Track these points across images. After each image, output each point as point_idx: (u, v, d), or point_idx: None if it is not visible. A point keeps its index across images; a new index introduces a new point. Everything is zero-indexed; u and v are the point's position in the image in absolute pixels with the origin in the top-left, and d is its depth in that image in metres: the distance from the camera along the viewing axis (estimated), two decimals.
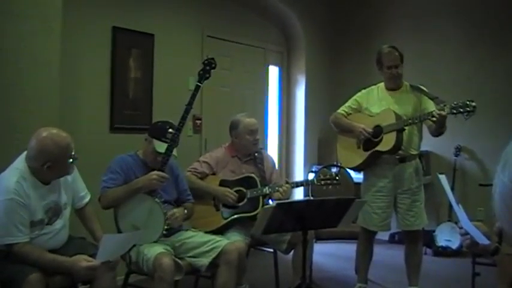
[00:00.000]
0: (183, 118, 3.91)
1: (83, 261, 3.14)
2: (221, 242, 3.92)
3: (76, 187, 3.58)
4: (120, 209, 3.88)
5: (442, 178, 2.73)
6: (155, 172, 3.83)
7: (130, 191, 3.84)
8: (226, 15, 6.74)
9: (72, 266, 3.12)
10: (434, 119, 4.20)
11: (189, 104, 3.95)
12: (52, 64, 4.27)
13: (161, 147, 3.90)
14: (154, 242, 3.84)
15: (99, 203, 3.88)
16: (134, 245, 3.76)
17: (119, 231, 3.85)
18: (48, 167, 3.18)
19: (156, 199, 3.88)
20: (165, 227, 3.85)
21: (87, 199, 3.66)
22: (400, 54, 4.49)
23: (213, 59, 4.08)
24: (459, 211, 2.50)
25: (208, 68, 4.06)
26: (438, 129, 4.34)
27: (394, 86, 4.54)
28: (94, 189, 3.79)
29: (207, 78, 4.07)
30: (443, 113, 4.17)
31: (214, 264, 3.85)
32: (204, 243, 3.92)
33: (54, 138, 3.21)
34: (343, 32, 8.10)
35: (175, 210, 3.98)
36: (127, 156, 4.06)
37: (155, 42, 5.75)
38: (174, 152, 3.91)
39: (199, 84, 4.01)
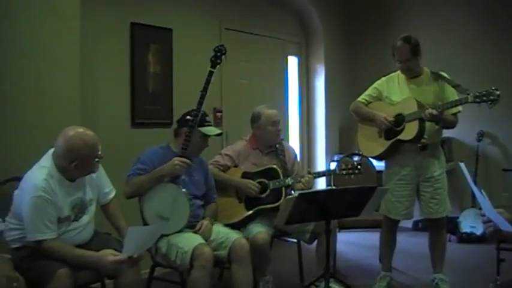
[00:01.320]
0: (200, 104, 3.98)
1: (110, 255, 3.18)
2: (230, 234, 3.97)
3: (101, 183, 3.61)
4: (144, 199, 3.91)
5: (462, 166, 2.72)
6: (178, 158, 3.86)
7: (154, 178, 3.88)
8: (244, 7, 6.74)
9: (99, 260, 3.16)
10: (426, 118, 4.21)
11: (204, 90, 4.04)
12: (72, 62, 4.32)
13: (210, 130, 4.06)
14: (180, 231, 3.88)
15: (124, 193, 3.92)
16: (162, 236, 3.80)
17: (145, 223, 3.87)
18: (76, 166, 3.22)
19: (181, 187, 3.92)
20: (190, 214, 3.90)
21: (112, 195, 3.69)
22: (413, 46, 4.37)
23: (222, 45, 4.19)
24: (481, 198, 2.49)
25: (219, 54, 4.17)
26: (440, 125, 4.37)
27: (411, 75, 4.50)
28: (117, 184, 3.82)
29: (219, 63, 4.19)
30: (434, 112, 4.15)
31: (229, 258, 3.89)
32: (217, 234, 3.98)
33: (83, 137, 3.25)
34: (360, 21, 8.07)
35: (204, 221, 4.01)
36: (159, 148, 4.10)
37: (173, 36, 5.78)
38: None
39: (212, 70, 4.12)
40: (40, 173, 3.20)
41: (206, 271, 3.63)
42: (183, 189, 3.91)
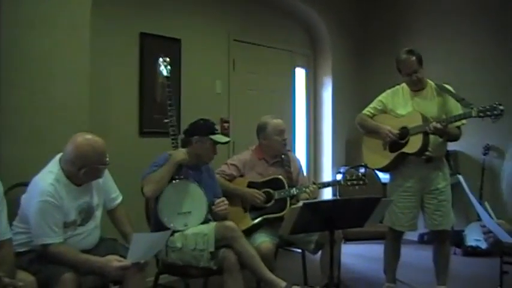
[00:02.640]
0: (169, 105, 4.19)
1: (115, 261, 3.22)
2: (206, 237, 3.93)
3: (108, 188, 3.66)
4: (159, 205, 3.95)
5: (461, 179, 2.76)
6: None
7: (169, 167, 3.97)
8: (252, 19, 6.79)
9: (104, 266, 3.20)
10: (430, 131, 4.23)
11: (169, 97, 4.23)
12: (82, 71, 4.38)
13: (220, 138, 4.17)
14: (203, 223, 3.99)
15: (145, 193, 3.96)
16: (174, 233, 3.89)
17: (165, 227, 3.88)
18: (85, 172, 3.28)
19: (187, 179, 4.03)
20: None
21: (118, 200, 3.73)
22: (418, 58, 4.42)
23: (166, 58, 4.35)
24: (481, 209, 2.51)
25: (165, 64, 4.32)
26: (443, 138, 4.39)
27: (416, 88, 4.54)
28: (125, 192, 3.86)
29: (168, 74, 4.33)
30: (438, 126, 4.18)
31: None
32: (194, 242, 3.95)
33: (92, 144, 3.31)
34: (368, 33, 8.10)
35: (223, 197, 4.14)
36: (166, 154, 4.14)
37: (182, 47, 5.83)
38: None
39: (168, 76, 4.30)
40: (47, 178, 3.26)
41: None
42: (191, 180, 4.03)
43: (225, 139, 4.24)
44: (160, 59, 4.32)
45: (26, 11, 4.05)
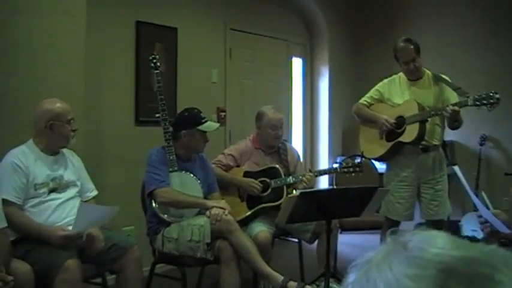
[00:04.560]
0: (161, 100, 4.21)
1: (60, 230, 3.25)
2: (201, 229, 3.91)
3: (84, 176, 3.73)
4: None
5: (457, 169, 2.76)
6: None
7: (195, 203, 4.04)
8: (249, 7, 6.77)
9: (50, 235, 3.22)
10: (447, 114, 4.21)
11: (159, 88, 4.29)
12: (78, 59, 4.36)
13: (207, 127, 4.13)
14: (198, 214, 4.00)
15: (155, 197, 3.94)
16: (170, 224, 3.91)
17: (163, 220, 3.94)
18: (51, 126, 3.40)
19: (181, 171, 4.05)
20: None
21: (93, 193, 3.78)
22: (416, 46, 4.41)
23: (154, 55, 4.43)
24: (477, 200, 2.52)
25: (155, 61, 4.39)
26: (452, 123, 4.35)
27: (414, 77, 4.53)
28: (120, 180, 3.86)
29: (158, 67, 4.42)
30: (456, 108, 4.17)
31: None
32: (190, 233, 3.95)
33: (53, 100, 3.51)
34: (365, 22, 8.07)
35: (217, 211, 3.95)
36: (160, 148, 4.13)
37: (178, 35, 5.81)
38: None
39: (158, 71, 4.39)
40: (18, 147, 3.42)
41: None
42: (183, 171, 4.04)
43: (214, 126, 4.21)
44: (150, 57, 4.37)
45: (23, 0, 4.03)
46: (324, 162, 7.78)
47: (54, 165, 3.50)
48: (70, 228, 3.29)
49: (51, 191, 3.41)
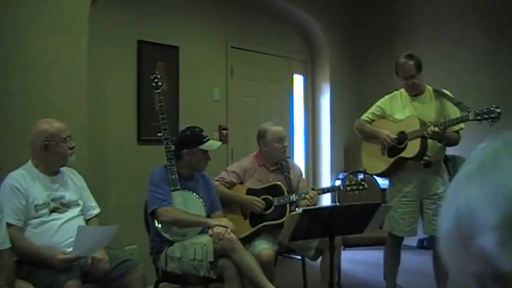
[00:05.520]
0: (163, 119, 4.21)
1: (59, 254, 3.23)
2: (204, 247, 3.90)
3: (86, 195, 3.73)
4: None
5: None
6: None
7: (198, 222, 4.03)
8: (250, 25, 6.81)
9: (51, 258, 3.21)
10: (428, 136, 4.23)
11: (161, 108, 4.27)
12: (80, 78, 4.38)
13: (209, 146, 4.14)
14: (201, 233, 4.00)
15: (157, 216, 3.93)
16: (173, 243, 3.90)
17: (167, 239, 3.94)
18: (46, 147, 3.40)
19: (187, 190, 4.06)
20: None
21: (95, 211, 3.77)
22: (417, 63, 4.42)
23: (156, 75, 4.43)
24: None
25: (156, 80, 4.38)
26: (442, 142, 4.39)
27: (414, 93, 4.54)
28: (123, 198, 3.86)
29: (160, 87, 4.41)
30: (436, 129, 4.18)
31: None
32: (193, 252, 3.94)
33: (48, 121, 3.51)
34: (366, 39, 8.10)
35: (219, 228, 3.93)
36: (162, 168, 4.13)
37: (180, 54, 5.84)
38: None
39: (159, 91, 4.38)
40: (17, 171, 3.42)
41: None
42: (185, 190, 4.04)
43: (215, 145, 4.22)
44: (152, 76, 4.37)
45: (24, 16, 4.05)
46: (326, 179, 7.78)
47: (53, 185, 3.50)
48: (71, 249, 3.29)
49: (53, 211, 3.42)
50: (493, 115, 4.00)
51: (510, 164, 0.74)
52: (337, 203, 5.49)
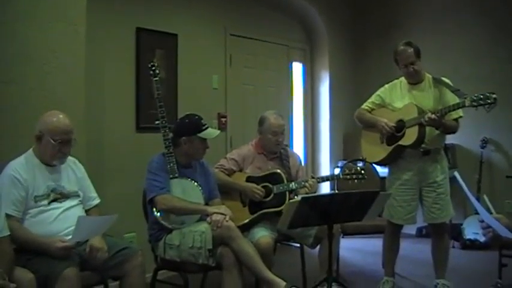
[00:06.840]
0: (160, 107, 4.22)
1: (58, 242, 3.22)
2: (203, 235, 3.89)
3: (86, 185, 3.72)
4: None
5: (457, 175, 2.75)
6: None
7: (196, 210, 4.00)
8: (249, 13, 6.78)
9: (49, 246, 3.21)
10: (425, 122, 4.23)
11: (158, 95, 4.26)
12: (78, 66, 4.35)
13: (208, 134, 4.10)
14: (199, 220, 3.98)
15: (155, 204, 3.93)
16: (172, 231, 3.90)
17: (166, 227, 3.94)
18: (39, 137, 3.40)
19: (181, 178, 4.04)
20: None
21: (96, 202, 3.77)
22: (416, 50, 4.43)
23: (153, 62, 4.41)
24: (478, 205, 2.51)
25: (153, 68, 4.35)
26: (440, 130, 4.39)
27: (414, 80, 4.54)
28: (122, 187, 3.85)
29: (157, 75, 4.37)
30: (433, 116, 4.18)
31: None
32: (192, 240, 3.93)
33: (55, 114, 3.47)
34: (365, 27, 8.09)
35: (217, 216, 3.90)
36: (160, 155, 4.12)
37: (179, 42, 5.82)
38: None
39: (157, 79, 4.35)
40: (18, 158, 3.42)
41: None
42: (183, 178, 4.04)
43: (214, 133, 4.18)
44: (150, 64, 4.35)
45: (22, 5, 4.02)
46: (325, 167, 7.78)
47: (53, 176, 3.48)
48: (69, 237, 3.29)
49: (52, 201, 3.41)
50: (489, 101, 4.00)
51: None
52: (336, 191, 5.49)
